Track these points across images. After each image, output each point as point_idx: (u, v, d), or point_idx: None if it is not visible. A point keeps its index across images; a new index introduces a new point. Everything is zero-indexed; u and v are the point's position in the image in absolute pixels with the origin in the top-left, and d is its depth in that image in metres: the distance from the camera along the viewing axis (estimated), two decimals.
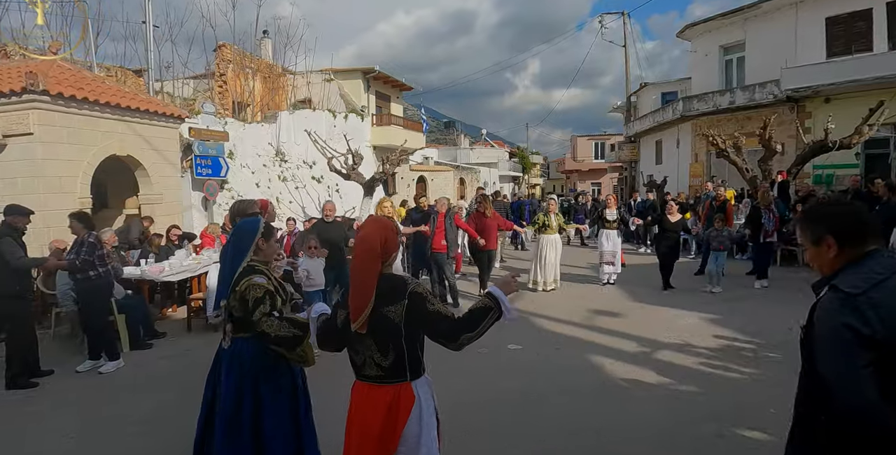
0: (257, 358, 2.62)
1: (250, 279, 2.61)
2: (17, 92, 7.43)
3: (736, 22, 17.83)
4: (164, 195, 9.85)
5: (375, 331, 2.08)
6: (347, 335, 2.16)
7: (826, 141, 10.63)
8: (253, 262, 2.72)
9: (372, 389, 2.12)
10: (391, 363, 2.09)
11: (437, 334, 2.11)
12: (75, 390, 4.89)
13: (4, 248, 4.89)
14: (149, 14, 12.37)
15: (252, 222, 2.83)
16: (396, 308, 2.07)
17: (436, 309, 2.10)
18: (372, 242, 2.13)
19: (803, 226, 1.73)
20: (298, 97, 18.83)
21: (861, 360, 1.42)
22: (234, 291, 2.61)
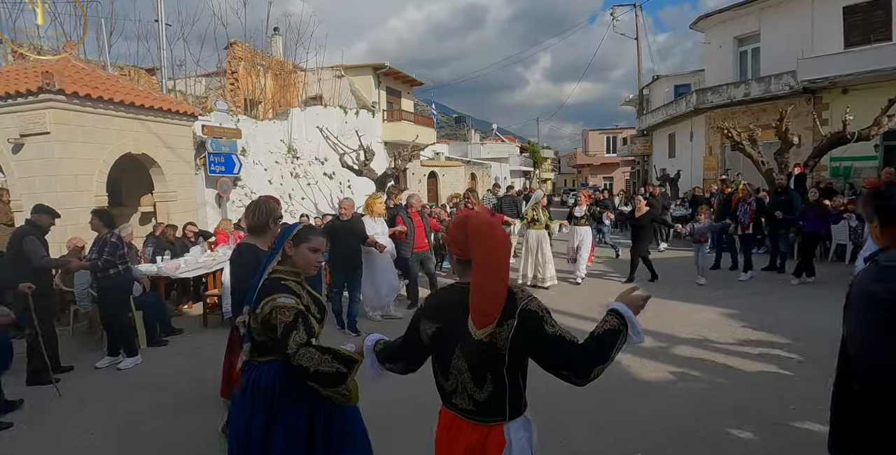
0: (273, 387, 2.19)
1: (274, 299, 2.12)
2: (33, 92, 7.52)
3: (751, 12, 17.56)
4: (178, 192, 9.92)
5: (470, 357, 1.71)
6: (438, 353, 1.83)
7: (844, 133, 10.46)
8: (278, 272, 2.27)
9: (457, 423, 1.78)
10: (487, 398, 1.71)
11: (559, 365, 1.68)
12: (94, 386, 4.95)
13: (27, 247, 4.97)
14: (161, 13, 12.44)
15: (291, 225, 2.42)
16: (502, 330, 1.66)
17: (557, 332, 1.68)
18: (504, 234, 1.81)
19: (862, 202, 1.92)
20: (309, 94, 18.87)
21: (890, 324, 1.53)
22: (255, 313, 2.18)
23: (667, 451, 3.42)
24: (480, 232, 1.74)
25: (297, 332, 2.03)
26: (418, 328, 1.89)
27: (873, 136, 10.62)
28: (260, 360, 2.24)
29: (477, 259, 1.69)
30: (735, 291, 7.93)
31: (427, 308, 1.91)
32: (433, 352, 1.87)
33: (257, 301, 2.18)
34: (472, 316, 1.65)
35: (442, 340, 1.80)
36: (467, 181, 26.61)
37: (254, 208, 3.17)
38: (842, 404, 1.76)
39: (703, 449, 3.42)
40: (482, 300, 1.65)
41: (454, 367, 1.76)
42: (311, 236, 2.31)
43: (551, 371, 1.70)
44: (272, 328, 2.11)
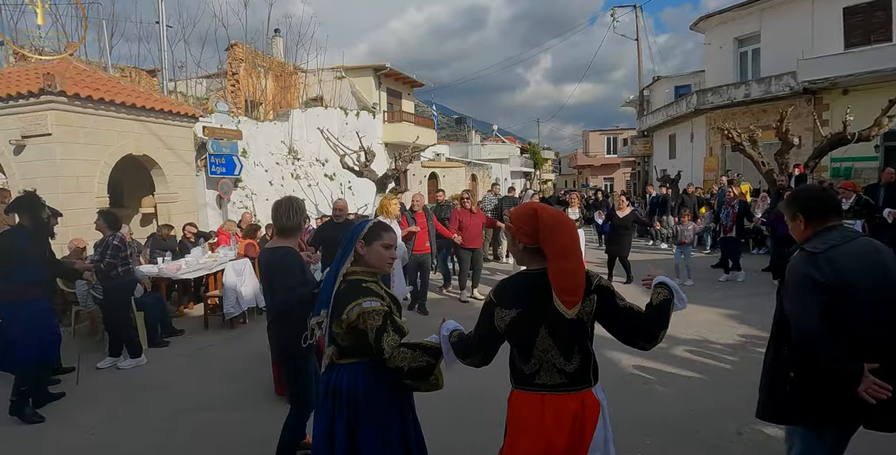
0: (356, 389, 2.14)
1: (360, 304, 2.08)
2: (34, 93, 7.54)
3: (751, 13, 17.58)
4: (179, 194, 9.94)
5: (557, 331, 1.84)
6: (518, 337, 1.91)
7: (844, 133, 10.45)
8: (356, 274, 2.21)
9: (553, 400, 1.86)
10: (576, 368, 1.87)
11: (632, 333, 1.90)
12: (95, 387, 4.95)
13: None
14: (162, 14, 12.47)
15: (360, 223, 2.32)
16: (585, 304, 1.84)
17: (627, 304, 1.91)
18: (573, 222, 1.98)
19: (784, 204, 2.30)
20: (310, 95, 18.90)
21: (812, 299, 2.00)
22: (339, 318, 2.12)
23: (667, 451, 3.42)
24: (554, 223, 1.87)
25: (388, 334, 2.04)
26: (492, 318, 1.95)
27: (874, 136, 10.61)
28: (342, 362, 2.19)
29: (555, 247, 1.84)
30: (735, 292, 7.93)
31: (501, 297, 1.94)
32: (511, 338, 1.93)
33: (340, 306, 2.12)
34: (560, 298, 1.80)
35: (522, 325, 1.88)
36: (468, 182, 26.62)
37: (286, 209, 3.02)
38: (773, 372, 2.23)
39: (703, 449, 3.42)
40: (568, 283, 1.81)
41: (538, 347, 1.87)
42: (382, 233, 2.26)
43: (623, 338, 1.92)
44: (359, 333, 2.08)
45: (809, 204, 2.18)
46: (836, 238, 2.08)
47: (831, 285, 1.98)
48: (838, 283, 1.98)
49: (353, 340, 2.13)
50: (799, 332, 2.03)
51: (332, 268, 2.25)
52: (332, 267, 2.24)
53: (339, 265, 2.22)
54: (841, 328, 1.98)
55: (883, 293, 2.00)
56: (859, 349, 1.97)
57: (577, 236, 1.93)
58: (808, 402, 2.08)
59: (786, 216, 2.29)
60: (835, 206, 2.20)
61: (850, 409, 2.00)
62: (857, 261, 2.03)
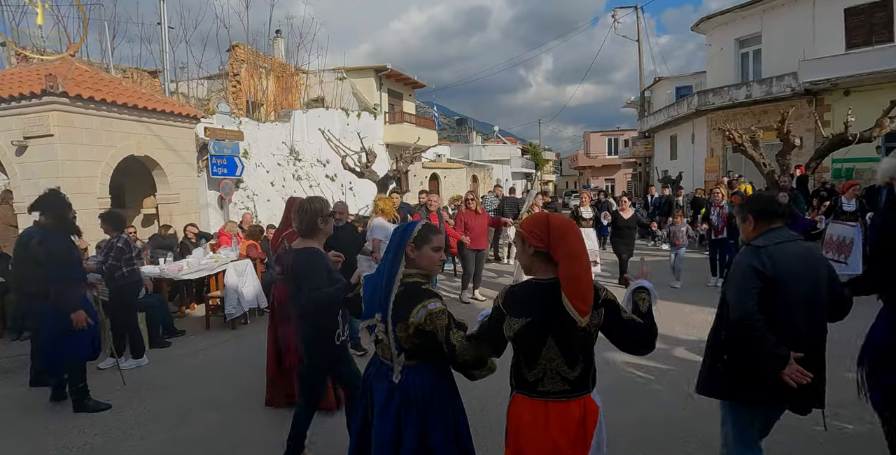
0: (425, 389, 2.17)
1: (425, 306, 2.11)
2: (36, 94, 7.55)
3: (752, 14, 17.59)
4: (180, 195, 9.95)
5: (564, 341, 1.89)
6: (524, 346, 1.95)
7: (846, 134, 10.46)
8: (412, 276, 2.21)
9: (555, 406, 1.92)
10: (578, 375, 1.93)
11: (633, 343, 1.99)
12: (97, 388, 4.95)
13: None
14: (164, 15, 12.51)
15: (408, 226, 2.29)
16: (593, 316, 1.88)
17: (628, 316, 1.99)
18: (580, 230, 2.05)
19: (738, 208, 2.61)
20: (311, 96, 18.93)
21: (751, 285, 2.30)
22: (404, 321, 2.12)
23: (667, 451, 3.42)
24: (564, 229, 1.95)
25: (453, 331, 2.10)
26: (500, 326, 1.99)
27: (875, 137, 10.61)
28: (407, 363, 2.19)
29: (564, 253, 1.90)
30: None
31: (510, 306, 1.97)
32: (518, 346, 1.98)
33: (404, 309, 2.12)
34: (573, 305, 1.83)
35: (530, 335, 1.92)
36: (469, 183, 26.63)
37: (298, 210, 3.12)
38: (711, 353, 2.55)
39: (704, 449, 3.42)
40: (579, 287, 1.84)
41: (545, 356, 1.92)
42: (432, 236, 2.26)
43: (625, 348, 2.00)
44: (426, 334, 2.11)
45: (759, 207, 2.50)
46: (778, 237, 2.38)
47: (770, 276, 2.28)
48: (776, 274, 2.28)
49: (418, 343, 2.15)
50: (738, 314, 2.30)
51: (383, 271, 2.23)
52: (384, 270, 2.22)
53: (394, 269, 2.20)
54: (770, 318, 2.27)
55: (808, 291, 2.31)
56: (783, 339, 2.25)
57: (583, 240, 1.97)
58: (738, 383, 2.38)
59: (738, 218, 2.59)
60: (780, 211, 2.50)
61: (776, 391, 2.28)
62: (792, 258, 2.32)
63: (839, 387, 3.02)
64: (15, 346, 6.50)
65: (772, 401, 2.36)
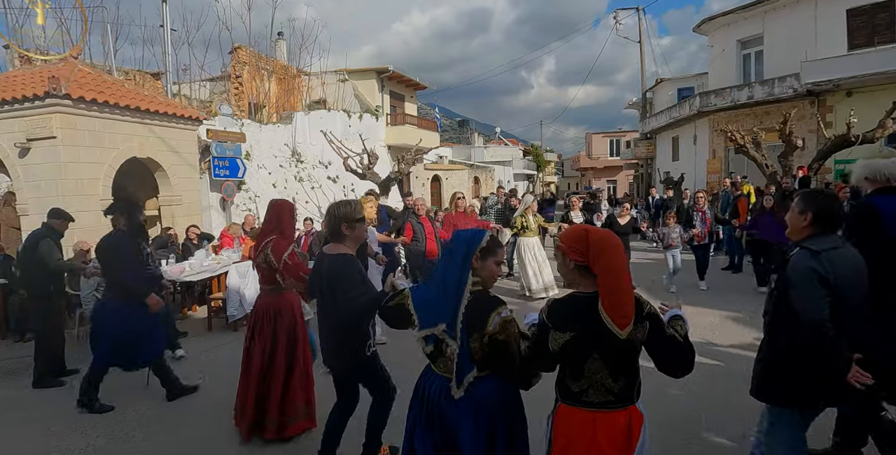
0: (494, 400, 2.12)
1: (499, 313, 2.06)
2: (39, 96, 7.57)
3: (754, 15, 17.58)
4: (182, 196, 9.97)
5: (608, 355, 1.90)
6: (569, 359, 1.95)
7: (848, 135, 10.44)
8: (476, 283, 2.13)
9: (603, 417, 1.93)
10: (623, 387, 1.93)
11: (673, 361, 2.00)
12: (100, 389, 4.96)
13: (43, 249, 5.06)
14: (166, 18, 12.53)
15: (476, 235, 2.19)
16: (637, 329, 1.88)
17: (671, 333, 1.99)
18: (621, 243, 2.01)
19: (800, 199, 2.50)
20: (313, 98, 18.95)
21: (823, 293, 2.25)
22: (480, 331, 2.04)
23: (673, 452, 3.41)
24: (603, 243, 1.94)
25: (524, 339, 2.15)
26: (546, 340, 1.99)
27: (878, 138, 10.59)
28: (479, 375, 2.11)
29: (603, 267, 1.90)
30: (740, 295, 7.90)
31: (554, 320, 1.98)
32: (563, 359, 1.98)
33: (479, 319, 2.05)
34: (612, 319, 1.83)
35: (575, 348, 1.92)
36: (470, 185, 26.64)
37: (329, 212, 3.08)
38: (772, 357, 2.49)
39: (707, 451, 3.41)
40: (618, 303, 1.84)
41: (589, 369, 1.92)
42: (497, 249, 2.20)
43: (664, 366, 2.01)
44: (498, 343, 2.05)
45: (825, 210, 2.39)
46: (833, 241, 2.36)
47: (831, 283, 2.25)
48: (836, 280, 2.25)
49: (488, 352, 2.07)
50: (811, 321, 2.24)
51: (447, 279, 2.13)
52: (451, 278, 2.11)
53: (464, 276, 2.09)
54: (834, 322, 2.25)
55: (858, 296, 2.34)
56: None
57: (624, 255, 1.98)
58: (801, 387, 2.37)
59: (794, 208, 2.48)
60: (840, 219, 2.46)
61: (838, 394, 2.31)
62: (849, 265, 2.32)
63: None
64: (18, 348, 6.52)
65: (834, 403, 2.40)
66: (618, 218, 8.72)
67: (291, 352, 3.72)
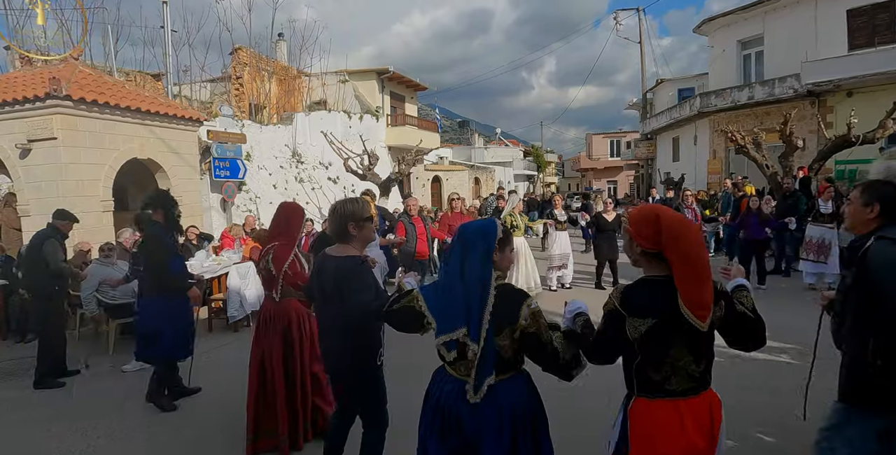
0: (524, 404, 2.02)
1: (528, 305, 1.95)
2: (40, 97, 7.58)
3: (754, 16, 17.58)
4: (183, 197, 9.94)
5: (692, 338, 1.79)
6: (649, 347, 1.82)
7: (849, 136, 10.44)
8: (499, 277, 2.03)
9: (686, 404, 1.83)
10: (703, 370, 1.85)
11: (745, 337, 1.90)
12: (98, 390, 4.97)
13: (48, 250, 5.08)
14: (167, 19, 12.55)
15: (490, 224, 2.08)
16: (715, 310, 1.79)
17: (741, 309, 1.89)
18: (696, 227, 1.90)
19: (862, 191, 2.31)
20: (314, 99, 18.96)
21: None
22: (512, 326, 1.92)
23: None
24: (678, 228, 1.80)
25: (552, 330, 2.01)
26: (620, 329, 1.85)
27: (878, 138, 10.59)
28: (501, 378, 1.98)
29: (679, 254, 1.77)
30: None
31: (629, 306, 1.85)
32: (644, 348, 1.84)
33: (510, 313, 1.93)
34: (691, 311, 1.73)
35: (658, 335, 1.80)
36: (471, 185, 26.64)
37: (333, 211, 2.80)
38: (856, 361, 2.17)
39: None
40: (697, 294, 1.74)
41: (673, 355, 1.81)
42: (510, 237, 2.12)
43: (734, 342, 1.90)
44: (528, 337, 1.94)
45: (891, 197, 2.23)
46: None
47: None
48: None
49: (517, 349, 1.97)
50: None
51: (469, 276, 1.96)
52: (471, 275, 1.96)
53: (486, 273, 1.96)
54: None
55: None
56: None
57: (703, 242, 1.87)
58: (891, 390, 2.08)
59: (856, 201, 2.31)
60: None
61: None
62: None
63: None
64: (18, 349, 6.52)
65: None
66: (604, 214, 8.73)
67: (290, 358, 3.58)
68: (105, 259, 6.44)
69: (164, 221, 4.43)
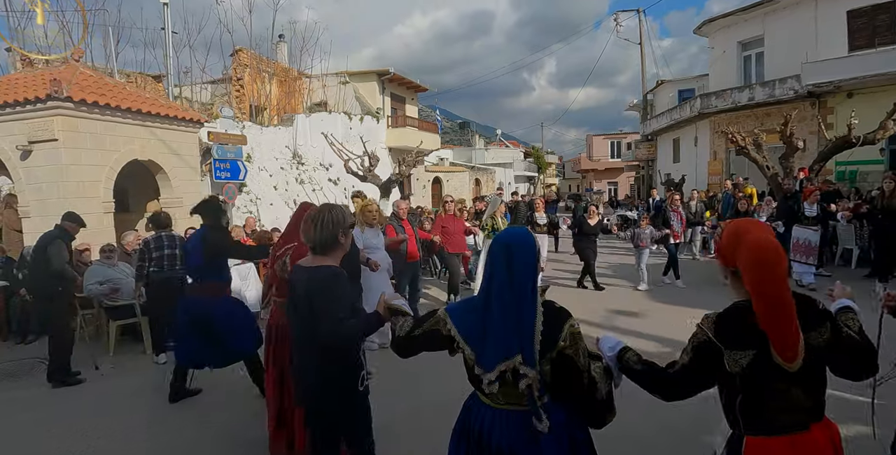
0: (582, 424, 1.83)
1: (571, 325, 1.74)
2: (41, 99, 7.59)
3: (755, 17, 17.59)
4: (184, 198, 9.98)
5: (797, 377, 1.57)
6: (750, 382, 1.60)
7: (849, 137, 10.44)
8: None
9: (800, 440, 1.59)
10: (816, 400, 1.63)
11: (854, 364, 1.64)
12: (98, 391, 4.97)
13: (52, 250, 5.11)
14: (168, 21, 12.58)
15: (524, 235, 1.83)
16: (814, 336, 1.58)
17: (847, 332, 1.64)
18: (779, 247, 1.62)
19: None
20: (314, 100, 18.99)
21: None
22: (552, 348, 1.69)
23: None
24: (755, 257, 1.58)
25: (593, 360, 1.80)
26: (718, 362, 1.63)
27: (879, 139, 10.59)
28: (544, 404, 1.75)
29: (754, 289, 1.58)
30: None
31: (725, 337, 1.62)
32: (746, 382, 1.61)
33: (553, 332, 1.70)
34: (777, 351, 1.54)
35: (762, 366, 1.57)
36: (471, 186, 26.65)
37: (318, 219, 2.42)
38: None
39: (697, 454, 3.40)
40: (776, 331, 1.54)
41: (778, 388, 1.59)
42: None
43: (842, 371, 1.66)
44: (565, 360, 1.71)
45: None
46: None
47: None
48: None
49: (553, 372, 1.73)
50: None
51: (521, 291, 1.72)
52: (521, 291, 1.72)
53: (535, 287, 1.75)
54: None
55: None
56: None
57: (785, 275, 1.61)
58: None
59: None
60: None
61: None
62: None
63: None
64: (19, 350, 6.52)
65: None
66: (587, 219, 8.78)
67: None
68: (106, 260, 6.46)
69: (211, 224, 4.57)
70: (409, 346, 1.95)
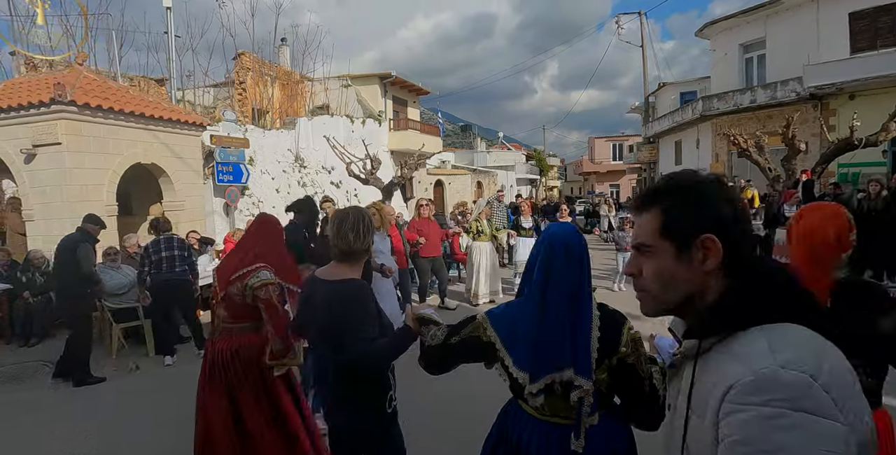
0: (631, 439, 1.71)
1: (630, 329, 1.63)
2: (45, 103, 7.63)
3: (756, 19, 17.60)
4: (186, 202, 10.01)
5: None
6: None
7: (852, 139, 10.43)
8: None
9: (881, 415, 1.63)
10: (876, 385, 1.65)
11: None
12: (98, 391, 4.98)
13: (81, 253, 5.20)
14: (170, 24, 12.63)
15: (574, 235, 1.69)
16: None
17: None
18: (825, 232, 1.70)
19: None
20: (316, 103, 19.04)
21: None
22: (611, 355, 1.58)
23: None
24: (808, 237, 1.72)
25: (651, 364, 1.64)
26: None
27: (881, 141, 10.57)
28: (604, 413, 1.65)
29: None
30: None
31: None
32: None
33: (612, 338, 1.58)
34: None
35: None
36: (473, 189, 26.67)
37: (353, 225, 2.17)
38: None
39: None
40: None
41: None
42: None
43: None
44: (625, 368, 1.59)
45: None
46: None
47: None
48: None
49: (610, 382, 1.61)
50: None
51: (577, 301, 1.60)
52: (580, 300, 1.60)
53: (590, 295, 1.64)
54: None
55: None
56: None
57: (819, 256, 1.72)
58: None
59: None
60: None
61: None
62: None
63: None
64: (22, 353, 6.54)
65: None
66: (559, 219, 8.78)
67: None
68: (111, 263, 6.48)
69: (300, 221, 4.86)
70: (444, 356, 1.79)
